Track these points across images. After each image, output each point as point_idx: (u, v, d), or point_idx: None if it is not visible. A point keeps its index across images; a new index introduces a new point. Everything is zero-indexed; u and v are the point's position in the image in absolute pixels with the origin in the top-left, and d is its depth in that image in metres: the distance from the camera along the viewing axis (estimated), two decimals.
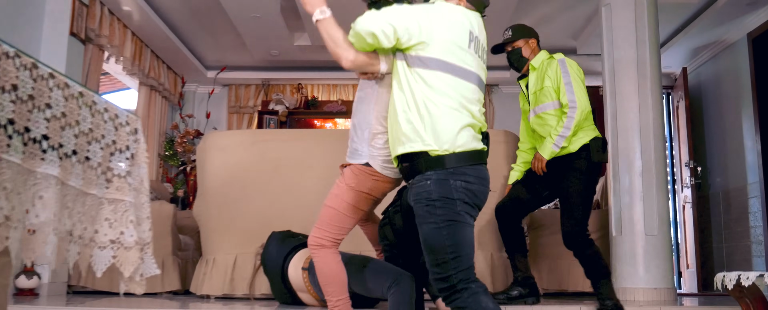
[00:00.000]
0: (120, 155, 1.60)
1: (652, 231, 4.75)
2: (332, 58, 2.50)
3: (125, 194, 1.59)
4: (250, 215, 4.47)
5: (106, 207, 1.55)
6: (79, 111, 1.42)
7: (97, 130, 1.51)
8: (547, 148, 3.95)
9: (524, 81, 4.26)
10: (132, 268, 1.55)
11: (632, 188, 4.84)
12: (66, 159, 1.37)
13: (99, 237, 1.53)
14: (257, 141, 4.61)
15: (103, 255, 1.52)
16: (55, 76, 1.33)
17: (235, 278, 4.43)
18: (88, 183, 1.48)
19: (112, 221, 1.55)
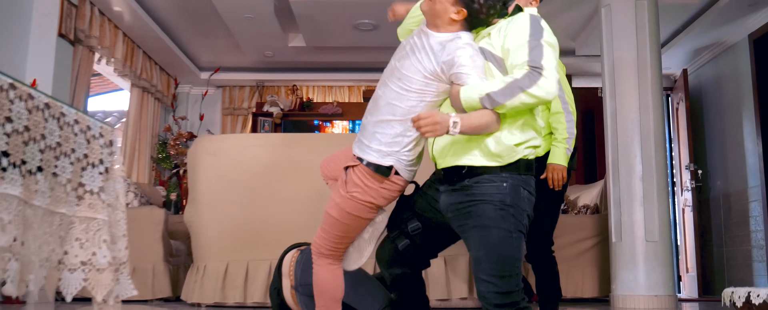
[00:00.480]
0: (93, 169, 1.49)
1: (652, 237, 4.67)
2: (327, 60, 2.38)
3: (98, 212, 1.48)
4: (242, 221, 4.36)
5: (77, 226, 1.44)
6: (45, 124, 1.32)
7: (67, 144, 1.40)
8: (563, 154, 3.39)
9: None
10: (105, 291, 1.44)
11: (632, 192, 4.75)
12: (30, 176, 1.27)
13: (69, 259, 1.42)
14: (249, 145, 4.50)
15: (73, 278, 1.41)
16: (16, 86, 1.23)
17: (227, 285, 4.33)
18: (56, 201, 1.37)
19: (84, 241, 1.44)
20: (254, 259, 4.33)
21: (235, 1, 5.98)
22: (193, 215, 4.52)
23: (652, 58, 4.90)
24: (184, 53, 7.59)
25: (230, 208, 4.38)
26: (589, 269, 5.31)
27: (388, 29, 6.59)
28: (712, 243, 6.89)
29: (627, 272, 4.68)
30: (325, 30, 6.66)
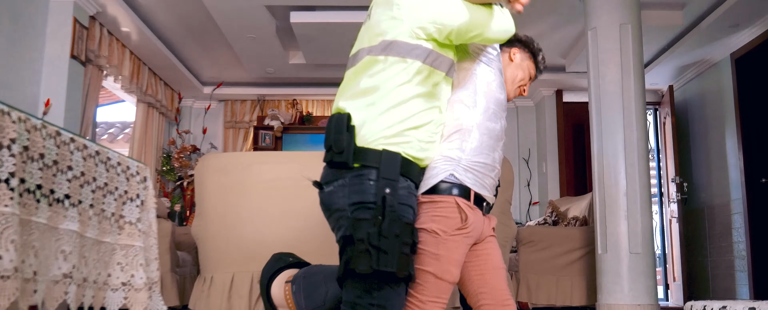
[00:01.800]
0: (131, 203, 1.74)
1: (636, 249, 4.91)
2: (327, 75, 2.39)
3: (135, 240, 1.73)
4: (248, 235, 4.59)
5: (118, 252, 1.69)
6: (96, 168, 1.57)
7: (112, 184, 1.65)
8: None
9: None
10: (141, 308, 1.69)
11: (617, 206, 4.99)
12: (84, 213, 1.52)
13: (112, 280, 1.67)
14: (253, 163, 4.74)
15: (115, 297, 1.65)
16: (75, 139, 1.48)
17: (233, 296, 4.55)
18: (102, 232, 1.62)
19: (124, 265, 1.69)
20: (259, 270, 4.55)
21: (238, 22, 6.24)
22: (200, 228, 4.75)
23: (635, 78, 5.14)
24: (188, 69, 7.84)
25: (236, 222, 4.62)
26: (578, 279, 5.53)
27: None
28: (697, 253, 7.14)
29: (612, 283, 4.92)
30: (325, 49, 6.92)
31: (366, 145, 1.91)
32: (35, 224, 1.30)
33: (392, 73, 1.95)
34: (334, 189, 1.96)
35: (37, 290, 1.30)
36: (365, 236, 1.82)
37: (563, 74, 7.75)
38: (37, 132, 1.32)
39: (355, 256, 1.83)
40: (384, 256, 1.80)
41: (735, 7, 5.59)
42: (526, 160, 8.66)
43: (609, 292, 4.94)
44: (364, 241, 1.81)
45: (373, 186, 1.86)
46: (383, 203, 1.84)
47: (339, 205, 1.94)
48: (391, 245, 1.82)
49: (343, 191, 1.93)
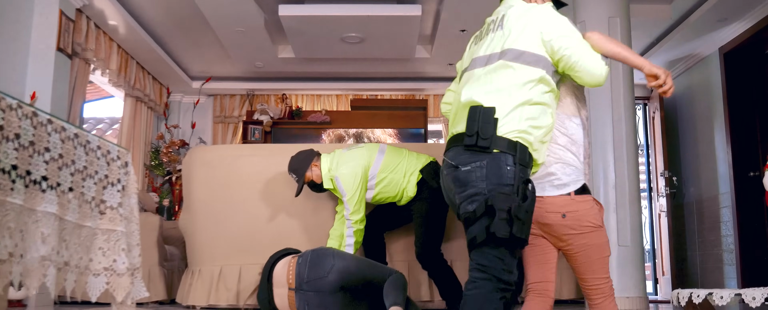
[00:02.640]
0: (112, 187, 1.72)
1: (625, 242, 4.92)
2: (316, 70, 2.54)
3: (117, 224, 1.71)
4: (235, 228, 4.58)
5: (100, 237, 1.67)
6: (75, 151, 1.54)
7: (92, 167, 1.63)
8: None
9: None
10: (124, 293, 1.67)
11: (606, 199, 5.00)
12: (63, 196, 1.49)
13: (93, 265, 1.64)
14: (241, 155, 4.73)
15: (97, 282, 1.63)
16: (52, 121, 1.46)
17: (220, 288, 4.54)
18: (83, 216, 1.59)
19: (106, 250, 1.67)
20: (246, 263, 4.55)
21: (227, 15, 6.21)
22: (188, 221, 4.74)
23: (624, 72, 5.15)
24: (177, 64, 7.79)
25: (224, 215, 4.60)
26: (567, 272, 5.52)
27: (373, 42, 6.84)
28: (687, 247, 7.16)
29: None
30: (314, 42, 6.90)
31: (503, 134, 2.27)
32: (10, 205, 1.27)
33: (521, 77, 2.34)
34: (471, 169, 2.28)
35: (14, 272, 1.28)
36: (507, 207, 2.17)
37: None
38: (13, 112, 1.30)
39: (495, 223, 2.17)
40: (522, 226, 2.19)
41: (723, 1, 5.59)
42: None
43: None
44: (505, 211, 2.17)
45: (511, 170, 2.23)
46: (525, 184, 2.24)
47: (475, 183, 2.26)
48: (527, 218, 2.21)
49: (481, 172, 2.26)
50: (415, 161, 4.06)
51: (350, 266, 3.70)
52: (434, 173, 4.00)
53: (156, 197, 7.40)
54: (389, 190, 3.99)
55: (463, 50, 2.81)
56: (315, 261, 3.74)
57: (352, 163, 4.00)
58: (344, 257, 3.78)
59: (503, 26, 2.48)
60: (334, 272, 3.68)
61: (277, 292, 3.90)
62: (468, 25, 6.35)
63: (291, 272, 3.80)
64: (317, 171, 4.06)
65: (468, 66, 2.55)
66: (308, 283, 3.69)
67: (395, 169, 4.02)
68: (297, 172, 4.07)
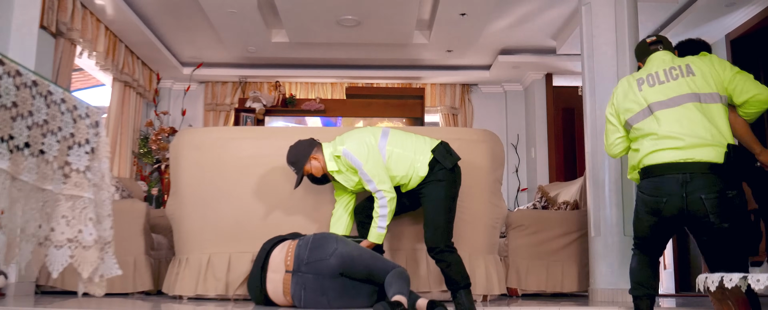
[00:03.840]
0: (79, 148, 1.50)
1: (630, 231, 4.73)
2: (310, 56, 2.43)
3: (84, 190, 1.49)
4: (225, 214, 4.37)
5: (64, 204, 1.46)
6: (33, 101, 1.33)
7: (54, 122, 1.41)
8: (374, 234, 3.80)
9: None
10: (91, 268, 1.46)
11: (611, 188, 4.81)
12: (17, 152, 1.28)
13: (55, 235, 1.43)
14: (233, 138, 4.51)
15: (59, 254, 1.42)
16: (4, 62, 1.24)
17: (209, 278, 4.33)
18: (42, 178, 1.38)
19: (70, 219, 1.46)
20: (236, 251, 4.34)
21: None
22: (175, 207, 4.52)
23: (631, 56, 4.96)
24: (167, 48, 7.56)
25: (213, 200, 4.39)
26: (569, 265, 5.36)
27: (370, 25, 6.63)
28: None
29: (605, 266, 4.74)
30: (309, 25, 6.68)
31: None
32: None
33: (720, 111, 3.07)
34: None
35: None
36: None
37: (553, 57, 7.56)
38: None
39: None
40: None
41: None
42: (514, 145, 8.47)
43: (601, 276, 4.76)
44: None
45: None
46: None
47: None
48: None
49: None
50: (424, 142, 3.84)
51: (353, 252, 3.55)
52: (447, 152, 3.78)
53: (144, 186, 7.18)
54: (400, 167, 3.76)
55: (462, 36, 2.64)
56: (317, 244, 3.58)
57: (357, 137, 3.80)
58: (347, 244, 3.62)
59: (693, 72, 3.16)
60: (337, 256, 3.51)
61: (271, 277, 3.69)
62: (468, 9, 6.13)
63: (290, 254, 3.62)
64: (317, 164, 3.84)
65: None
66: (307, 265, 3.53)
67: (403, 145, 3.80)
68: (295, 164, 3.85)
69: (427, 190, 3.76)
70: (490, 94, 8.68)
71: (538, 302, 4.68)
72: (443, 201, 3.72)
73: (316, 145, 3.86)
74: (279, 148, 4.45)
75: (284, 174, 4.36)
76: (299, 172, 3.82)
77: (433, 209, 3.72)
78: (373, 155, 3.72)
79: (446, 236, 3.71)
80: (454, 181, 3.80)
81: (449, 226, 3.74)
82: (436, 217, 3.71)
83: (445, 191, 3.72)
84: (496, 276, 4.44)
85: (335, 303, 3.55)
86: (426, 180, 3.76)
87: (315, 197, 4.29)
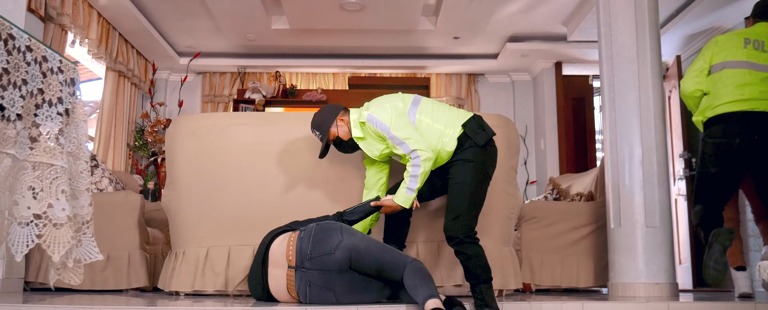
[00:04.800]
0: (50, 108, 1.25)
1: (653, 223, 4.49)
2: (312, 44, 2.21)
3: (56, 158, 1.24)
4: (224, 204, 4.11)
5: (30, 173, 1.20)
6: None
7: (16, 73, 1.15)
8: (401, 195, 3.43)
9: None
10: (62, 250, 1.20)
11: (632, 177, 4.57)
12: None
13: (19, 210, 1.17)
14: (232, 124, 4.25)
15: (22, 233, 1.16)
16: None
17: (207, 273, 4.07)
18: (3, 140, 1.12)
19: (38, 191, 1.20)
20: (236, 244, 4.08)
21: None
22: (171, 198, 4.27)
23: (651, 39, 4.72)
24: (163, 37, 7.31)
25: (211, 190, 4.13)
26: (585, 258, 5.13)
27: (374, 10, 6.37)
28: None
29: (626, 259, 4.50)
30: (310, 11, 6.42)
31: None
32: None
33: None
34: None
35: None
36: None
37: (564, 44, 7.31)
38: None
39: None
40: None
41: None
42: (522, 137, 8.21)
43: (622, 270, 4.52)
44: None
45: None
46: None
47: None
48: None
49: None
50: (456, 115, 3.52)
51: (359, 244, 3.22)
52: (479, 126, 3.46)
53: (140, 180, 6.92)
54: (428, 139, 3.42)
55: (470, 21, 2.40)
56: (320, 235, 3.26)
57: (384, 101, 3.53)
58: (354, 234, 3.28)
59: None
60: (342, 249, 3.20)
61: (274, 273, 3.43)
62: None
63: (291, 248, 3.32)
64: (344, 127, 3.55)
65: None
66: (312, 260, 3.22)
67: (434, 115, 3.49)
68: (321, 128, 3.55)
69: (454, 170, 3.44)
70: (497, 84, 8.42)
71: (558, 297, 4.44)
72: (468, 185, 3.40)
73: (343, 109, 3.60)
74: (281, 134, 4.20)
75: (288, 162, 4.11)
76: (324, 136, 3.54)
77: (457, 194, 3.41)
78: (401, 119, 3.43)
79: (467, 224, 3.38)
80: (484, 162, 3.46)
81: (472, 213, 3.41)
82: (459, 202, 3.38)
83: (473, 174, 3.40)
84: (512, 270, 4.19)
85: (343, 299, 3.28)
86: (454, 158, 3.45)
87: (321, 185, 4.02)
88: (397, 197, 3.44)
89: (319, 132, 3.56)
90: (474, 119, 3.48)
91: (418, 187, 3.38)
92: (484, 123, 3.50)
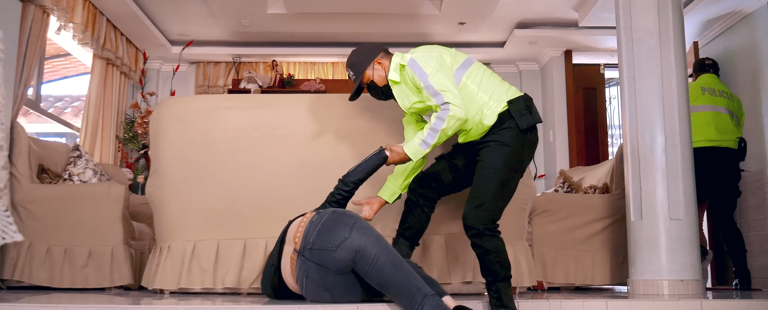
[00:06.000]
0: None
1: (677, 214, 4.17)
2: (310, 31, 1.92)
3: None
4: (212, 195, 3.79)
5: None
6: None
7: None
8: (412, 145, 3.08)
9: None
10: None
11: (654, 165, 4.25)
12: None
13: None
14: (221, 107, 3.92)
15: None
16: None
17: (194, 268, 3.75)
18: None
19: None
20: (226, 238, 3.77)
21: None
22: (155, 188, 3.94)
23: (674, 19, 4.40)
24: (153, 23, 6.98)
25: (199, 179, 3.81)
26: (601, 254, 4.83)
27: None
28: None
29: (648, 254, 4.18)
30: None
31: None
32: None
33: None
34: None
35: None
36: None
37: (574, 31, 6.99)
38: None
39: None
40: None
41: None
42: None
43: (643, 266, 4.19)
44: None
45: None
46: None
47: None
48: None
49: None
50: (504, 89, 3.14)
51: (369, 248, 2.70)
52: (526, 108, 3.07)
53: (130, 173, 6.60)
54: (468, 105, 3.05)
55: (476, 5, 2.08)
56: (327, 226, 2.80)
57: (433, 51, 3.13)
58: (366, 234, 2.76)
59: None
60: (346, 248, 2.72)
61: (286, 251, 3.00)
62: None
63: (300, 230, 2.89)
64: (381, 71, 3.19)
65: None
66: (312, 251, 2.78)
67: (481, 83, 3.10)
68: (355, 67, 3.20)
69: (485, 153, 3.06)
70: (504, 73, 8.10)
71: (578, 295, 4.12)
72: (499, 172, 3.01)
73: (383, 50, 3.22)
74: (275, 118, 3.87)
75: (282, 148, 3.78)
76: (358, 77, 3.19)
77: (484, 179, 3.02)
78: (444, 70, 3.03)
79: (490, 216, 3.00)
80: (521, 148, 3.06)
81: (498, 204, 3.03)
82: (485, 189, 3.00)
83: (505, 159, 3.01)
84: (526, 265, 3.86)
85: (340, 299, 2.88)
86: (488, 137, 3.07)
87: (318, 174, 3.68)
88: (408, 145, 3.08)
89: (352, 72, 3.21)
90: (523, 99, 3.11)
91: (435, 143, 3.02)
92: (532, 106, 3.12)
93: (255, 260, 3.72)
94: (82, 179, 4.87)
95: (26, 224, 4.28)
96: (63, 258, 4.27)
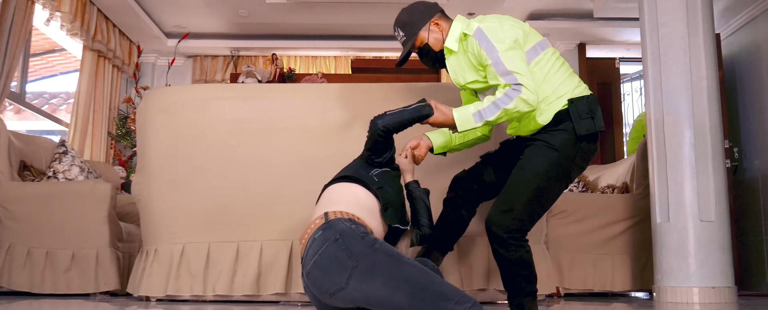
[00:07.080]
0: None
1: (707, 216, 3.90)
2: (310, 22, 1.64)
3: None
4: (203, 193, 3.53)
5: None
6: None
7: None
8: (464, 114, 2.64)
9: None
10: None
11: (681, 162, 3.98)
12: None
13: None
14: (212, 98, 3.63)
15: None
16: None
17: (182, 274, 3.48)
18: None
19: None
20: (217, 241, 3.50)
21: None
22: (142, 186, 3.65)
23: (703, 5, 4.12)
24: (147, 14, 6.71)
25: (188, 177, 3.54)
26: (621, 258, 4.56)
27: None
28: (749, 231, 6.12)
29: (676, 259, 3.91)
30: None
31: None
32: None
33: None
34: None
35: None
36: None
37: (589, 23, 6.71)
38: None
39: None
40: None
41: None
42: None
43: (670, 271, 3.92)
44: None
45: None
46: None
47: None
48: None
49: None
50: (572, 84, 2.72)
51: (373, 295, 2.13)
52: (588, 112, 2.65)
53: (122, 172, 6.30)
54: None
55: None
56: (324, 261, 2.20)
57: (505, 22, 2.69)
58: (370, 280, 2.13)
59: None
60: (340, 299, 2.19)
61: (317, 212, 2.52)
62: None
63: (306, 236, 2.39)
64: (438, 34, 2.74)
65: None
66: (308, 276, 2.23)
67: (550, 72, 2.69)
68: (408, 27, 2.74)
69: (530, 152, 2.67)
70: None
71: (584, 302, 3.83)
72: (538, 177, 2.61)
73: (441, 11, 2.79)
74: (270, 110, 3.58)
75: (277, 142, 3.48)
76: (410, 39, 2.74)
77: (518, 181, 2.63)
78: (518, 48, 2.63)
79: (517, 225, 2.60)
80: (573, 158, 2.65)
81: (530, 213, 2.63)
82: (517, 193, 2.62)
83: (549, 164, 2.61)
84: (545, 271, 3.55)
85: None
86: (537, 135, 2.68)
87: (317, 171, 3.37)
88: (459, 110, 2.64)
89: (403, 33, 2.76)
90: (587, 100, 2.68)
91: (491, 121, 2.59)
92: (597, 109, 2.70)
93: (248, 265, 3.44)
94: (67, 176, 4.58)
95: (5, 224, 4.05)
96: (44, 261, 4.03)
